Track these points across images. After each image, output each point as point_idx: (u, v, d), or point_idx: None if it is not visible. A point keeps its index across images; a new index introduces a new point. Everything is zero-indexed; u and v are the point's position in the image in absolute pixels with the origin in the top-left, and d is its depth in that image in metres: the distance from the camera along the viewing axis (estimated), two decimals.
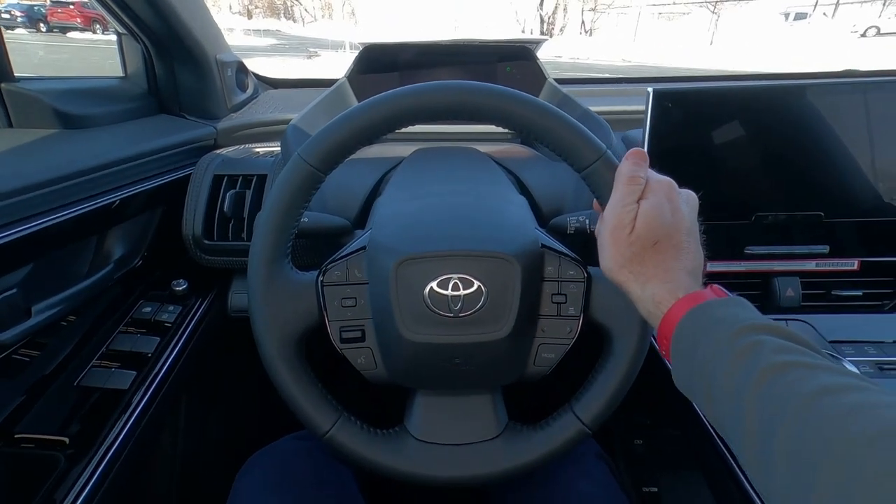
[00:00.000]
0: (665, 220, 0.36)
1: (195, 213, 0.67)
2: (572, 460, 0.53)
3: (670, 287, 0.35)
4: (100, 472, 0.47)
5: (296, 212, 0.41)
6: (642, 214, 0.36)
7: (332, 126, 0.40)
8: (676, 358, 0.34)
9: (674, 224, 0.36)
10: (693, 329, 0.33)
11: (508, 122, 0.40)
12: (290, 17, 29.14)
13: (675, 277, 0.36)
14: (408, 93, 0.40)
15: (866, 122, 0.60)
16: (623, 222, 0.36)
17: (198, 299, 0.69)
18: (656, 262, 0.36)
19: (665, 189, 0.38)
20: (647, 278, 0.36)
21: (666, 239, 0.36)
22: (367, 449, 0.42)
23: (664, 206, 0.37)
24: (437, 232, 0.43)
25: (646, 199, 0.37)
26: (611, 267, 0.38)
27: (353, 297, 0.42)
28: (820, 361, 0.28)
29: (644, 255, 0.36)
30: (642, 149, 0.38)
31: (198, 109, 0.80)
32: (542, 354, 0.43)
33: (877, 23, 14.27)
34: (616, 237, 0.37)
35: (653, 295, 0.36)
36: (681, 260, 0.36)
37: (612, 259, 0.37)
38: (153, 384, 0.56)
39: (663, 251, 0.36)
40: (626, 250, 0.37)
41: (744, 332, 0.31)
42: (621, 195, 0.37)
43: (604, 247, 0.38)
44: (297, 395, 0.41)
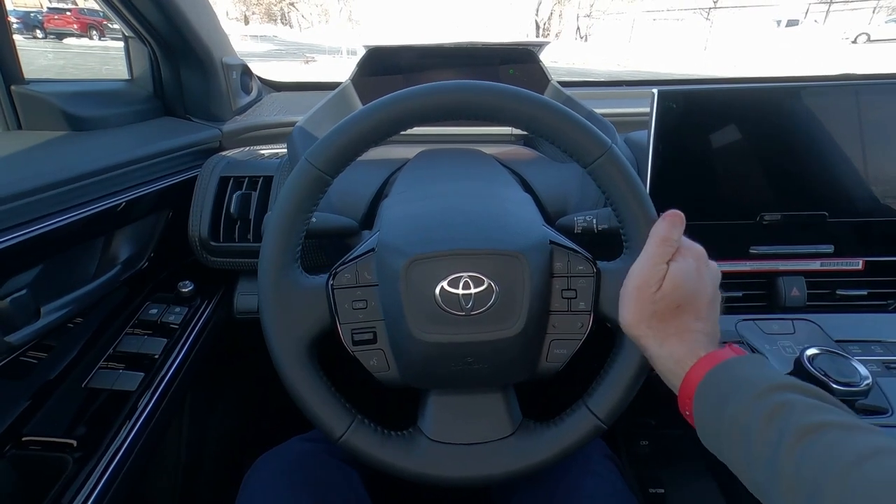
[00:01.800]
0: (691, 285, 0.37)
1: (201, 215, 0.66)
2: (580, 460, 0.53)
3: (690, 346, 0.36)
4: (108, 475, 0.47)
5: (304, 216, 0.41)
6: (671, 276, 0.37)
7: (338, 129, 0.40)
8: (701, 417, 0.34)
9: (699, 290, 0.38)
10: (717, 389, 0.33)
11: (514, 121, 0.41)
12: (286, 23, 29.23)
13: (694, 338, 0.36)
14: (414, 94, 0.40)
15: (871, 123, 0.61)
16: (651, 280, 0.37)
17: (204, 301, 0.69)
18: (677, 323, 0.37)
19: (695, 255, 0.39)
20: (666, 336, 0.37)
21: (689, 303, 0.37)
22: (382, 451, 0.42)
23: (692, 271, 0.38)
24: (446, 231, 0.43)
25: (676, 261, 0.38)
26: (630, 321, 0.38)
27: (364, 300, 0.42)
28: (852, 420, 0.29)
29: (666, 315, 0.37)
30: (679, 212, 0.39)
31: (203, 112, 0.80)
32: (554, 350, 0.43)
33: (867, 30, 14.47)
34: (641, 293, 0.38)
35: (671, 353, 0.36)
36: (701, 322, 0.37)
37: (634, 314, 0.38)
38: (160, 386, 0.56)
39: (685, 313, 0.37)
40: (649, 307, 0.37)
41: (770, 392, 0.31)
42: (652, 253, 0.38)
43: (627, 301, 0.39)
44: (310, 399, 0.41)
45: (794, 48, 12.50)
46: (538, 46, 0.88)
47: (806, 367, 0.48)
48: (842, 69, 1.28)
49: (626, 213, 0.42)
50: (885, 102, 0.61)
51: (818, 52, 11.12)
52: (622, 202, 0.41)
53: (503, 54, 0.87)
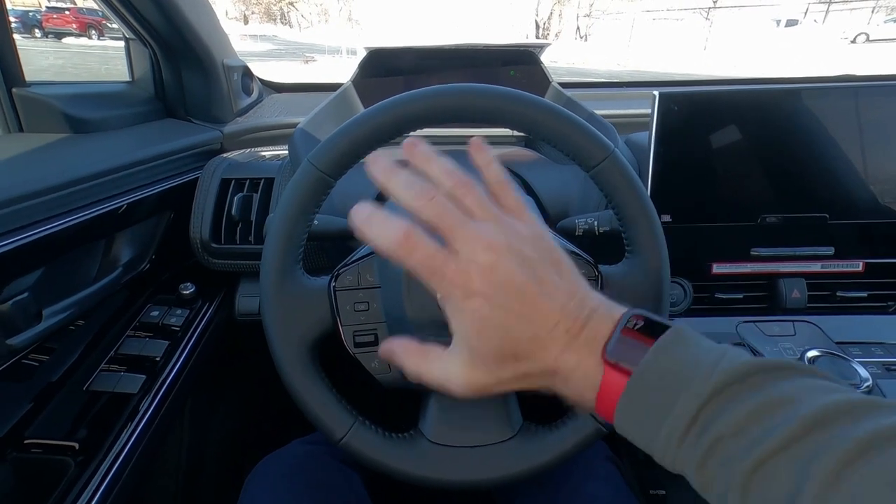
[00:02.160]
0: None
1: (203, 217, 0.66)
2: (582, 463, 0.53)
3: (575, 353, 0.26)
4: (110, 478, 0.47)
5: (307, 218, 0.41)
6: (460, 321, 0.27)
7: (341, 131, 0.40)
8: (636, 428, 0.25)
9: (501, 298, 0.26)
10: (650, 393, 0.24)
11: (517, 124, 0.41)
12: (286, 23, 29.22)
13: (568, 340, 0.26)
14: (417, 97, 0.40)
15: (871, 124, 0.61)
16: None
17: (205, 303, 0.69)
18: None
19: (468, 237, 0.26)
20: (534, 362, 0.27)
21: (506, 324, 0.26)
22: (383, 454, 0.42)
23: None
24: None
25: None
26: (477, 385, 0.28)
27: (366, 302, 0.42)
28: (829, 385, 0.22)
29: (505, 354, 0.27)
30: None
31: (204, 113, 0.80)
32: None
33: (866, 29, 14.49)
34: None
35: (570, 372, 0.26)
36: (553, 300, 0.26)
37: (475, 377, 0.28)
38: (162, 388, 0.56)
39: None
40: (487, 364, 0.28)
41: (730, 380, 0.22)
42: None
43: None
44: (311, 401, 0.41)
45: (793, 48, 12.52)
46: (539, 48, 0.88)
47: None
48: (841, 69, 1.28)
49: (628, 216, 0.42)
50: (885, 104, 0.61)
51: (817, 52, 11.13)
52: (624, 205, 0.41)
53: (504, 56, 0.87)
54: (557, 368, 0.26)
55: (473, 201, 0.28)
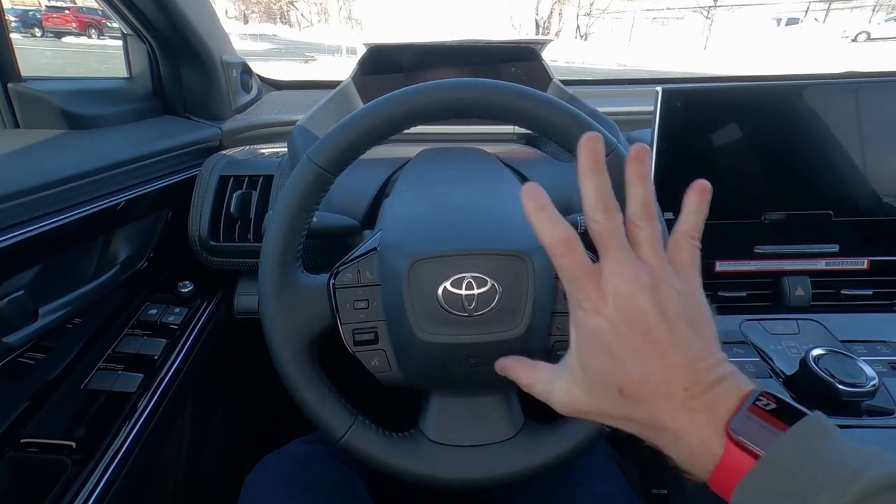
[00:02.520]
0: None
1: (201, 214, 0.66)
2: (584, 461, 0.52)
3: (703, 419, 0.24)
4: (107, 477, 0.46)
5: (306, 214, 0.41)
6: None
7: (340, 127, 0.40)
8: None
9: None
10: (781, 482, 0.22)
11: (519, 119, 0.40)
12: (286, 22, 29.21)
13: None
14: (417, 92, 0.40)
15: (875, 121, 0.61)
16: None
17: (204, 301, 0.68)
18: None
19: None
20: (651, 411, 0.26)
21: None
22: (383, 453, 0.41)
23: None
24: (449, 231, 0.43)
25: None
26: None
27: (366, 299, 0.42)
28: None
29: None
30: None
31: (203, 110, 0.80)
32: (557, 352, 0.43)
33: (867, 28, 14.48)
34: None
35: (681, 431, 0.25)
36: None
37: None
38: (160, 387, 0.55)
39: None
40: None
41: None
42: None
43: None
44: (311, 400, 0.41)
45: (794, 47, 12.51)
46: (540, 44, 0.88)
47: (811, 368, 0.48)
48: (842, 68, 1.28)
49: None
50: (888, 100, 0.60)
51: (819, 51, 11.12)
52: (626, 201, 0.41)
53: (505, 52, 0.86)
54: (667, 425, 0.25)
55: (646, 238, 0.28)
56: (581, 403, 0.29)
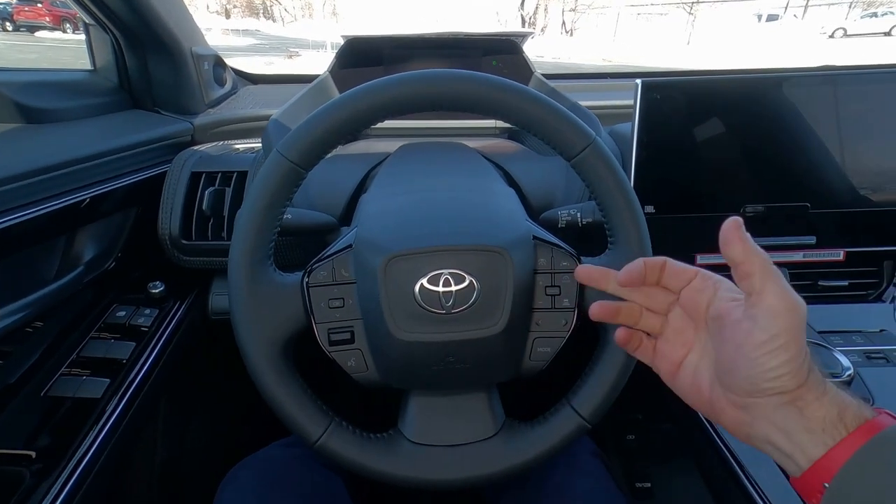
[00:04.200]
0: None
1: (171, 212, 0.64)
2: (566, 458, 0.52)
3: (834, 405, 0.26)
4: (70, 487, 0.44)
5: (276, 211, 0.40)
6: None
7: (311, 120, 0.39)
8: (847, 494, 0.24)
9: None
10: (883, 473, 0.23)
11: (495, 111, 0.39)
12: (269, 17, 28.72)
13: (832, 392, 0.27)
14: (390, 83, 0.39)
15: (851, 114, 0.61)
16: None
17: (176, 302, 0.66)
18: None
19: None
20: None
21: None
22: (361, 455, 0.40)
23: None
24: (426, 227, 0.42)
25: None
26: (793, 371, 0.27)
27: (341, 298, 0.40)
28: None
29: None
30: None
31: (173, 104, 0.77)
32: (537, 349, 0.42)
33: (843, 24, 14.82)
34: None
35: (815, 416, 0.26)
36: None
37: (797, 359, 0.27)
38: (128, 392, 0.53)
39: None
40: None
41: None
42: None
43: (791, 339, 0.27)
44: (285, 402, 0.39)
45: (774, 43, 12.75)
46: (521, 37, 0.87)
47: None
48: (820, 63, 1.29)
49: (610, 207, 0.41)
50: (865, 93, 0.61)
51: (797, 47, 11.36)
52: (606, 195, 0.40)
53: (486, 45, 0.85)
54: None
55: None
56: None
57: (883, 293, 0.65)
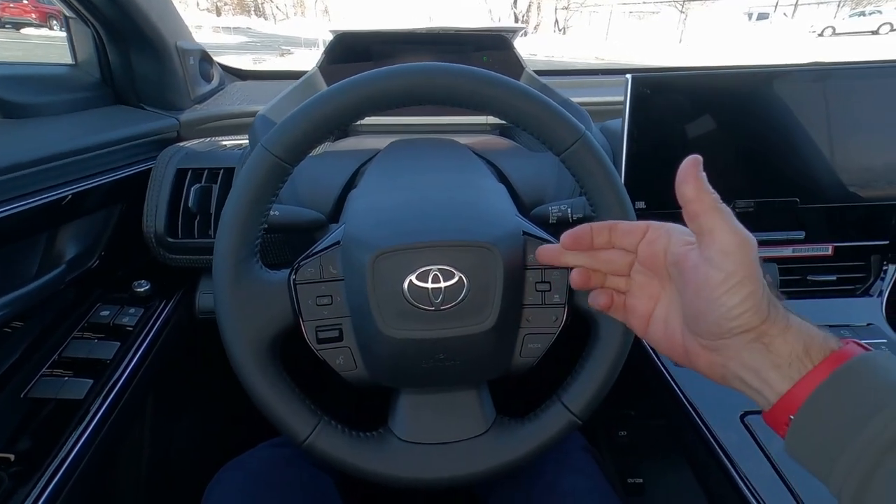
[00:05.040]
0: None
1: (157, 210, 0.62)
2: (559, 455, 0.52)
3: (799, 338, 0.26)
4: (51, 491, 0.43)
5: (262, 207, 0.39)
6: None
7: (296, 114, 0.38)
8: (810, 426, 0.25)
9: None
10: (851, 397, 0.24)
11: (484, 105, 0.39)
12: (260, 15, 28.48)
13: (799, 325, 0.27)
14: (376, 77, 0.38)
15: (840, 110, 0.61)
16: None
17: (162, 301, 0.65)
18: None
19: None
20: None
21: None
22: (350, 454, 0.40)
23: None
24: (415, 223, 0.41)
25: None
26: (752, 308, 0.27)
27: (329, 295, 0.40)
28: None
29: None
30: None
31: (158, 100, 0.75)
32: (528, 345, 0.42)
33: (832, 23, 14.99)
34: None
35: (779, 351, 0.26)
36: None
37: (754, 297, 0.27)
38: (112, 393, 0.52)
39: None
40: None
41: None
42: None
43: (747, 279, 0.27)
44: (272, 401, 0.39)
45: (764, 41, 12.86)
46: (512, 32, 0.86)
47: None
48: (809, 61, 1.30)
49: (601, 202, 0.40)
50: (854, 89, 0.61)
51: (787, 45, 11.47)
52: (596, 190, 0.40)
53: (476, 41, 0.85)
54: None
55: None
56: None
57: (870, 287, 0.66)
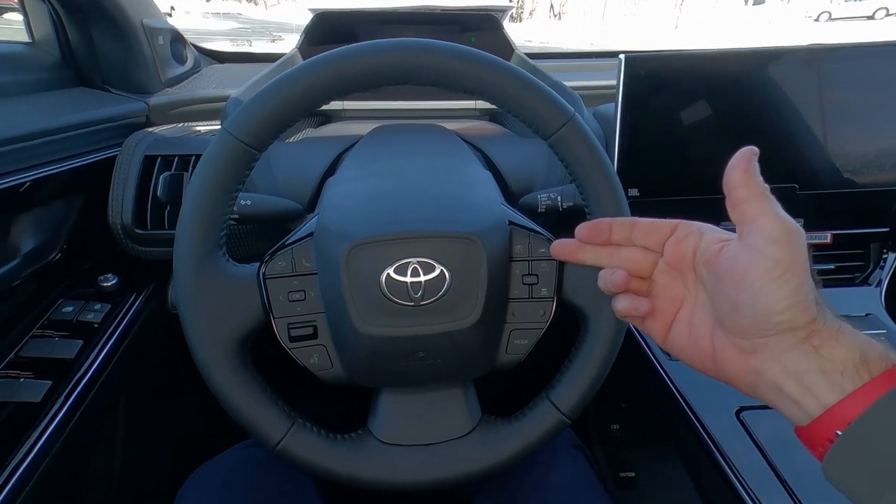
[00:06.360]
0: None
1: (123, 199, 0.59)
2: (546, 452, 0.51)
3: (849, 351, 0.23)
4: (5, 496, 0.40)
5: (227, 195, 0.36)
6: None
7: (262, 94, 0.35)
8: (859, 448, 0.22)
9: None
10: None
11: (466, 85, 0.36)
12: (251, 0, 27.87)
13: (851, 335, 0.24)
14: (351, 53, 0.35)
15: (841, 93, 0.59)
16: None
17: (132, 295, 0.62)
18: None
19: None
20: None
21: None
22: (326, 457, 0.38)
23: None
24: (393, 212, 0.39)
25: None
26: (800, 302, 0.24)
27: (302, 290, 0.38)
28: None
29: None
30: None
31: (124, 82, 0.71)
32: (514, 341, 0.40)
33: (828, 8, 14.91)
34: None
35: (829, 356, 0.23)
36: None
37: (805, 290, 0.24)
38: (74, 394, 0.49)
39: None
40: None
41: None
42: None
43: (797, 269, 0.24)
44: (240, 404, 0.37)
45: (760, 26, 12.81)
46: (501, 12, 0.83)
47: None
48: None
49: (591, 189, 0.38)
50: (854, 71, 0.59)
51: (783, 31, 11.43)
52: (585, 176, 0.37)
53: (463, 20, 0.81)
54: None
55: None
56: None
57: (869, 276, 0.64)
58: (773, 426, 0.46)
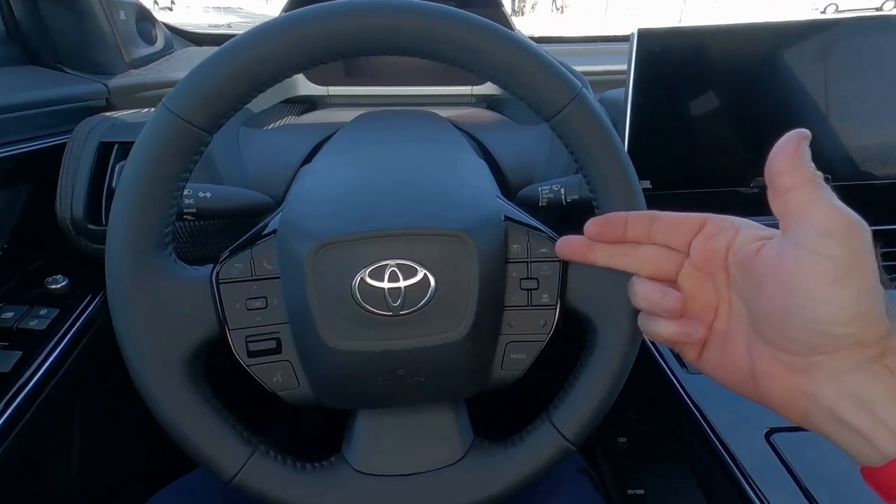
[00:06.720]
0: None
1: (74, 191, 0.53)
2: (550, 481, 0.47)
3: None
4: None
5: (169, 184, 0.31)
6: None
7: (207, 63, 0.29)
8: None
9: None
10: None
11: (454, 54, 0.30)
12: None
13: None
14: (318, 13, 0.29)
15: (875, 69, 0.53)
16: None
17: (85, 298, 0.56)
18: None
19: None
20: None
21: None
22: (291, 491, 0.33)
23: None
24: (368, 206, 0.34)
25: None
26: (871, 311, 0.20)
27: (263, 297, 0.33)
28: None
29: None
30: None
31: (81, 61, 0.65)
32: (510, 355, 0.36)
33: (835, 0, 14.86)
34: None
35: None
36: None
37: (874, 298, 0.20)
38: (7, 412, 0.43)
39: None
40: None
41: None
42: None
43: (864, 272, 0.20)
44: (188, 432, 0.32)
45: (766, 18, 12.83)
46: None
47: None
48: None
49: (600, 178, 0.32)
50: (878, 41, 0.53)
51: None
52: (594, 161, 0.32)
53: None
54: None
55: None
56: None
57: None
58: (812, 452, 0.41)
